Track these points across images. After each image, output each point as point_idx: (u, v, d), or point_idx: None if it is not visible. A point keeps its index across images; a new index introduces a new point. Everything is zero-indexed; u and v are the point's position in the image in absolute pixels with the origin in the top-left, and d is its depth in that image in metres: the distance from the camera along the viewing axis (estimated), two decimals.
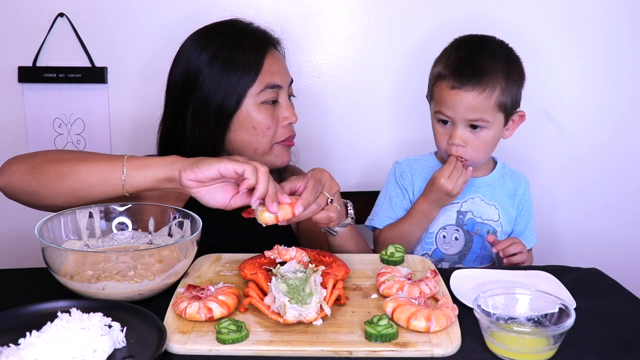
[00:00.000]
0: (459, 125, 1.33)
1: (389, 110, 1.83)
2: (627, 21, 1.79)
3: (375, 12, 1.78)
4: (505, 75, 1.32)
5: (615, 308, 0.99)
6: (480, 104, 1.30)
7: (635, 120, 1.85)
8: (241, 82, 1.27)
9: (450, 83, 1.31)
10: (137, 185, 1.06)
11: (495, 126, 1.34)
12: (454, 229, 1.44)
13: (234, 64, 1.27)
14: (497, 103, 1.31)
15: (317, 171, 1.13)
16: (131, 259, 0.96)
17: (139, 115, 1.80)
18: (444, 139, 1.36)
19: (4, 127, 1.80)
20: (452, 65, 1.32)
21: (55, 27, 1.74)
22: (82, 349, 0.77)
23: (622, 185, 1.89)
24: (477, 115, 1.30)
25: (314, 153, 1.82)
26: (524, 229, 1.49)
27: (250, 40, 1.31)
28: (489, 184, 1.46)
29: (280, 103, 1.31)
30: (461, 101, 1.30)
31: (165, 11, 1.74)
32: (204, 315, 0.88)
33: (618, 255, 1.90)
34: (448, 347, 0.83)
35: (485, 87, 1.29)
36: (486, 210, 1.44)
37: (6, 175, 1.12)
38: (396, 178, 1.47)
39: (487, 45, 1.36)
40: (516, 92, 1.35)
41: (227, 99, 1.27)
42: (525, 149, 1.84)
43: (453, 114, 1.32)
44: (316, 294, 0.89)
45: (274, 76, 1.30)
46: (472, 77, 1.29)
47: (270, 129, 1.30)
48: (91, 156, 1.11)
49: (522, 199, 1.48)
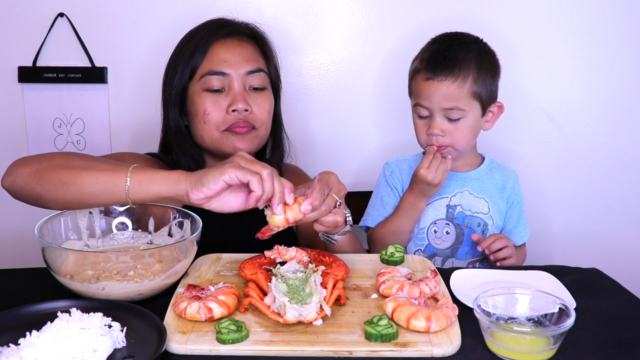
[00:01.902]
0: (437, 115, 1.38)
1: (389, 110, 1.83)
2: (627, 21, 1.78)
3: (375, 12, 1.78)
4: (477, 65, 1.37)
5: (615, 308, 0.99)
6: (454, 92, 1.35)
7: (635, 120, 1.85)
8: (187, 67, 1.31)
9: (425, 75, 1.38)
10: (141, 198, 1.02)
11: (472, 115, 1.38)
12: (445, 223, 1.46)
13: (182, 50, 1.33)
14: (471, 92, 1.36)
15: (325, 173, 1.11)
16: (131, 259, 0.96)
17: (138, 115, 1.80)
18: (423, 131, 1.41)
19: (4, 127, 1.80)
20: (427, 59, 1.40)
21: (55, 27, 1.74)
22: (82, 349, 0.77)
23: (622, 184, 1.89)
24: (452, 103, 1.35)
25: (313, 153, 1.82)
26: (516, 223, 1.51)
27: (208, 29, 1.33)
28: (477, 178, 1.48)
29: (228, 91, 1.31)
30: (436, 91, 1.36)
31: (166, 11, 1.74)
32: (204, 315, 0.88)
33: (618, 255, 1.89)
34: (448, 347, 0.83)
35: (458, 76, 1.35)
36: (475, 203, 1.47)
37: (12, 177, 1.11)
38: (386, 178, 1.52)
39: (460, 40, 1.42)
40: (490, 83, 1.40)
41: (177, 84, 1.32)
42: (524, 149, 1.84)
43: (430, 104, 1.37)
44: (316, 294, 0.89)
45: (220, 63, 1.30)
46: (444, 68, 1.36)
47: (210, 115, 1.29)
48: (96, 164, 1.07)
49: (512, 193, 1.50)
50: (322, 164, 1.80)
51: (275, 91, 1.41)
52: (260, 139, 1.36)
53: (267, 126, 1.37)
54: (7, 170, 1.13)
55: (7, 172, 1.13)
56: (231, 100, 1.29)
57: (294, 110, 1.71)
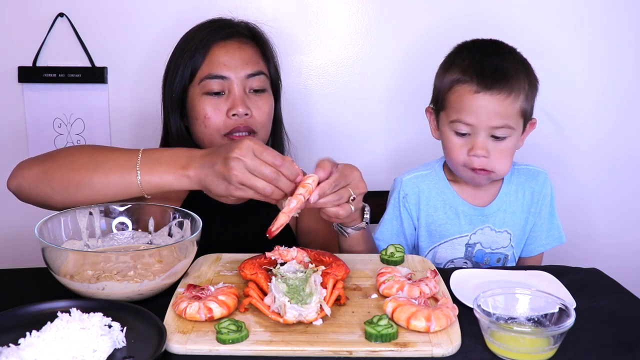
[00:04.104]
0: (481, 133, 1.23)
1: (389, 110, 1.83)
2: (628, 21, 1.78)
3: (375, 12, 1.78)
4: (528, 79, 1.25)
5: (615, 308, 0.99)
6: (506, 109, 1.21)
7: (635, 120, 1.85)
8: (187, 69, 1.31)
9: (474, 87, 1.21)
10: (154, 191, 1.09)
11: (517, 134, 1.26)
12: (462, 262, 1.38)
13: (182, 52, 1.32)
14: (521, 109, 1.23)
15: (348, 168, 1.08)
16: (131, 259, 0.96)
17: (139, 115, 1.80)
18: (462, 152, 1.26)
19: (4, 127, 1.80)
20: (472, 68, 1.23)
21: (55, 27, 1.74)
22: (82, 349, 0.77)
23: (622, 185, 1.89)
24: (503, 121, 1.21)
25: (313, 153, 1.82)
26: (549, 225, 1.41)
27: (208, 30, 1.33)
28: (499, 209, 1.36)
29: (228, 94, 1.30)
30: (486, 106, 1.21)
31: (166, 11, 1.74)
32: (204, 315, 0.88)
33: (618, 255, 1.89)
34: (448, 347, 0.83)
35: (511, 91, 1.21)
36: (496, 239, 1.36)
37: (18, 180, 1.12)
38: (400, 202, 1.38)
39: (503, 49, 1.29)
40: (534, 98, 1.29)
41: (177, 87, 1.32)
42: (524, 149, 1.83)
43: (476, 121, 1.22)
44: (316, 294, 0.89)
45: (220, 67, 1.29)
46: (497, 80, 1.20)
47: (210, 119, 1.29)
48: (102, 162, 1.09)
49: (540, 200, 1.39)
50: None
51: (276, 92, 1.41)
52: None
53: (267, 129, 1.37)
54: (13, 173, 1.13)
55: (12, 175, 1.13)
56: (231, 104, 1.29)
57: (294, 110, 1.71)
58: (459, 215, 1.36)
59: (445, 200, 1.37)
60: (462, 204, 1.36)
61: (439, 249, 1.38)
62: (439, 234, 1.38)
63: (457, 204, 1.36)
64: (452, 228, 1.37)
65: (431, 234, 1.39)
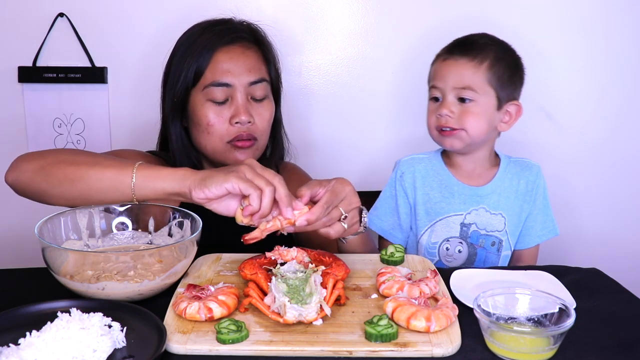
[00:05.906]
0: (448, 96, 1.35)
1: (389, 110, 1.83)
2: (628, 21, 1.79)
3: (375, 12, 1.78)
4: (496, 53, 1.35)
5: (615, 308, 0.99)
6: (468, 72, 1.33)
7: (635, 120, 1.85)
8: (190, 73, 1.30)
9: (443, 57, 1.38)
10: (146, 195, 1.06)
11: (486, 102, 1.34)
12: (458, 242, 1.42)
13: (184, 54, 1.31)
14: (486, 77, 1.33)
15: (340, 183, 1.08)
16: (131, 259, 0.96)
17: (138, 115, 1.80)
18: (433, 115, 1.37)
19: (4, 127, 1.80)
20: (449, 46, 1.40)
21: (55, 27, 1.74)
22: (82, 349, 0.77)
23: (622, 185, 1.89)
24: (465, 83, 1.33)
25: (314, 153, 1.82)
26: (544, 217, 1.47)
27: (210, 34, 1.32)
28: (494, 191, 1.43)
29: (231, 102, 1.30)
30: (450, 69, 1.35)
31: (165, 11, 1.74)
32: (204, 315, 0.88)
33: (618, 255, 1.89)
34: (448, 347, 0.83)
35: (475, 57, 1.33)
36: (491, 221, 1.42)
37: (15, 172, 1.12)
38: (397, 180, 1.45)
39: (487, 35, 1.41)
40: (509, 77, 1.36)
41: (179, 90, 1.31)
42: (524, 149, 1.83)
43: (443, 84, 1.35)
44: (316, 294, 0.89)
45: (224, 74, 1.29)
46: (462, 48, 1.36)
47: (214, 126, 1.29)
48: (102, 161, 1.09)
49: (534, 190, 1.45)
50: (322, 164, 1.80)
51: (276, 94, 1.42)
52: (260, 149, 1.37)
53: (267, 135, 1.38)
54: (11, 166, 1.13)
55: (11, 168, 1.13)
56: (234, 112, 1.29)
57: (294, 110, 1.71)
58: (453, 194, 1.42)
59: (441, 180, 1.43)
60: (457, 184, 1.43)
61: (436, 227, 1.43)
62: (435, 212, 1.43)
63: (452, 183, 1.43)
64: (447, 206, 1.42)
65: (428, 212, 1.43)
